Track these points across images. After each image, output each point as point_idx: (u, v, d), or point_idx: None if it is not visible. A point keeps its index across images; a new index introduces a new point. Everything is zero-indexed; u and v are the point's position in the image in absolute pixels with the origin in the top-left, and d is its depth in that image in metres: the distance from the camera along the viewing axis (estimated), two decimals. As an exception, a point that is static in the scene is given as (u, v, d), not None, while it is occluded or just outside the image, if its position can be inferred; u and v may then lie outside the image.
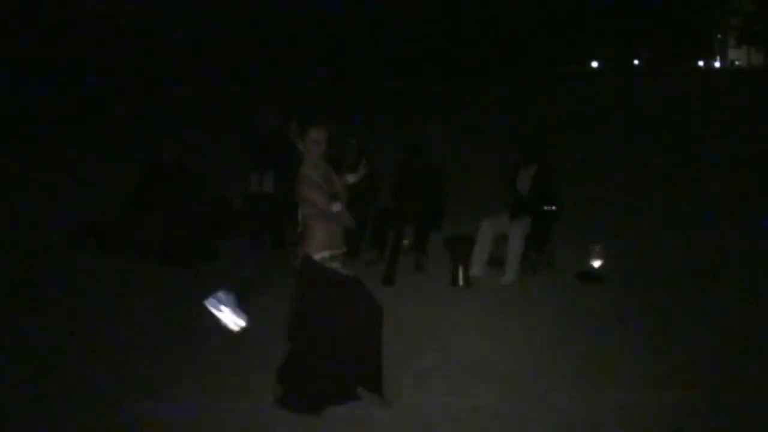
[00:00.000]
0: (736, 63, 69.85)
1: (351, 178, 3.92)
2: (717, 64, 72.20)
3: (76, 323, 5.06)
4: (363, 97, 29.44)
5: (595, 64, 64.29)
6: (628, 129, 18.20)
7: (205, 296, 4.74)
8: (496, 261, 6.04)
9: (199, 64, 35.35)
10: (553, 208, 6.01)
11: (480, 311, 5.22)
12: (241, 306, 4.82)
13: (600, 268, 5.89)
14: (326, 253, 3.57)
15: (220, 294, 4.80)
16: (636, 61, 62.19)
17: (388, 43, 39.77)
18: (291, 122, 3.65)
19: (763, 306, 5.25)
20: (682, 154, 13.69)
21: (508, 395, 3.85)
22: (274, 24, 36.71)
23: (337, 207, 3.53)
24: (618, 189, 10.14)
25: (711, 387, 3.93)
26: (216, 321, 4.74)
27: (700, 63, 68.81)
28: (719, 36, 70.03)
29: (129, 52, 32.37)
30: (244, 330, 4.75)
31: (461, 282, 5.82)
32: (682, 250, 6.83)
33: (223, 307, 4.77)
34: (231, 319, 4.77)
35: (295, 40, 36.82)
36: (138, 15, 32.78)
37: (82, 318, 5.17)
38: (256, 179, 6.94)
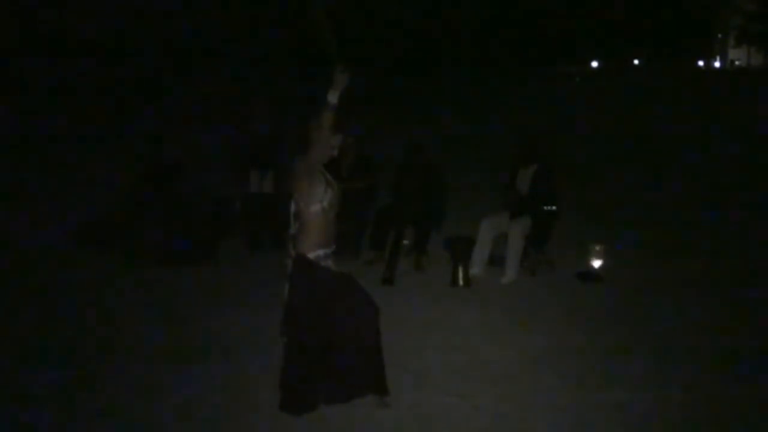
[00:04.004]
0: (736, 63, 69.84)
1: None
2: (717, 64, 72.19)
3: (75, 323, 5.06)
4: (363, 95, 29.41)
5: (595, 63, 64.31)
6: (630, 128, 18.19)
7: (205, 296, 4.73)
8: (496, 261, 6.04)
9: (199, 62, 35.37)
10: (553, 208, 6.01)
11: (480, 311, 5.22)
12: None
13: (600, 268, 5.89)
14: (320, 252, 3.57)
15: None
16: (636, 61, 62.23)
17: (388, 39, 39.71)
18: (313, 122, 3.59)
19: (762, 306, 5.25)
20: (683, 154, 13.69)
21: (508, 395, 3.85)
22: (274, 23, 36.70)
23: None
24: (618, 189, 10.15)
25: (711, 387, 3.93)
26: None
27: (700, 63, 68.83)
28: (719, 36, 70.01)
29: (129, 49, 32.38)
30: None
31: (461, 282, 5.81)
32: (682, 250, 6.83)
33: None
34: None
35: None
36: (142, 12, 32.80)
37: (82, 318, 5.17)
38: (256, 179, 6.94)
